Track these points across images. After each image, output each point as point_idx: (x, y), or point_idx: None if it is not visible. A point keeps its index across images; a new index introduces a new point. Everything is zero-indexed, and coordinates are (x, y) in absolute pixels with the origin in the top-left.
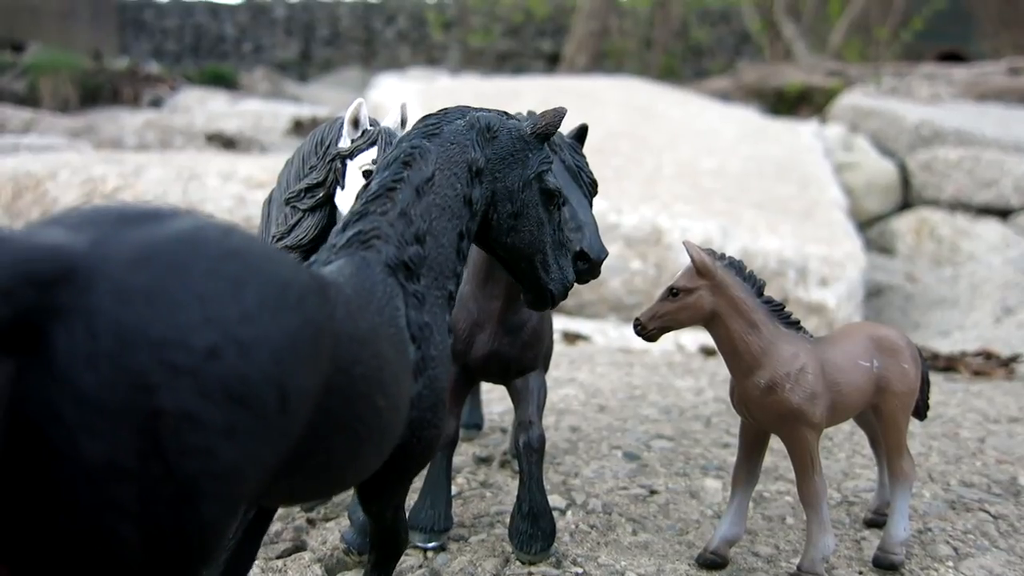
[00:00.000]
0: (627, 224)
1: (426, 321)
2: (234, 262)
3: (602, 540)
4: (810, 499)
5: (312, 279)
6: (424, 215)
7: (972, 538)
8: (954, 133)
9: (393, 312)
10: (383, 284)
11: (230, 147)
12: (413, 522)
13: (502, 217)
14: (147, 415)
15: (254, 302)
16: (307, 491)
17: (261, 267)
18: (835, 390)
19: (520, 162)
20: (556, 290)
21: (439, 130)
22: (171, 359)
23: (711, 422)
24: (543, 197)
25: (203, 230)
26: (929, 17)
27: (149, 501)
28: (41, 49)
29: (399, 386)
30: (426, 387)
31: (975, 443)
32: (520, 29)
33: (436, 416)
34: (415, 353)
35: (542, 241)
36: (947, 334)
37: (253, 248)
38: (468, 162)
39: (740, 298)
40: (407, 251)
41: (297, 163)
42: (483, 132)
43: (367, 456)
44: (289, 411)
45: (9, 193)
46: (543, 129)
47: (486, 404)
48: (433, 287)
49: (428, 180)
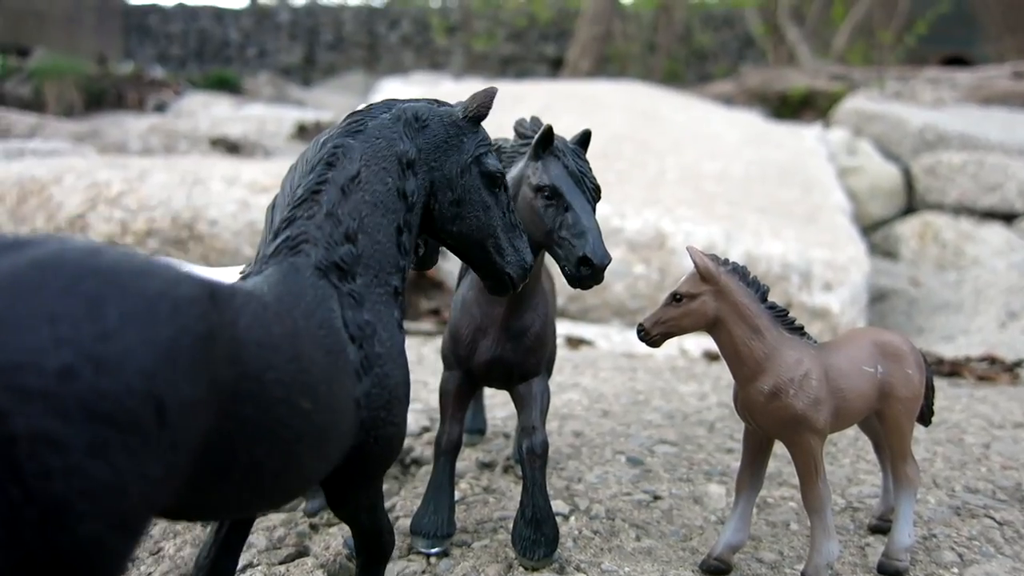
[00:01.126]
0: (630, 228)
1: (366, 319)
2: (93, 281)
3: (605, 546)
4: (814, 505)
5: (199, 289)
6: (353, 213)
7: (977, 544)
8: (958, 137)
9: (326, 314)
10: (313, 287)
11: (234, 152)
12: (416, 527)
13: (444, 206)
14: (1, 442)
15: (114, 318)
16: (247, 501)
17: (126, 283)
18: (839, 396)
19: (455, 148)
20: (514, 273)
21: (363, 126)
22: (20, 383)
23: (715, 427)
24: (485, 180)
25: (63, 253)
26: (933, 21)
27: (13, 527)
28: (46, 54)
29: (331, 387)
30: (375, 385)
31: (980, 449)
32: (523, 33)
33: (391, 414)
34: (356, 353)
35: (491, 225)
36: (951, 339)
37: (120, 266)
38: (397, 155)
39: (743, 303)
40: (337, 252)
41: (301, 168)
42: (410, 123)
43: (305, 460)
44: (169, 422)
45: (14, 198)
46: (475, 111)
47: (489, 409)
48: (374, 285)
49: (354, 178)
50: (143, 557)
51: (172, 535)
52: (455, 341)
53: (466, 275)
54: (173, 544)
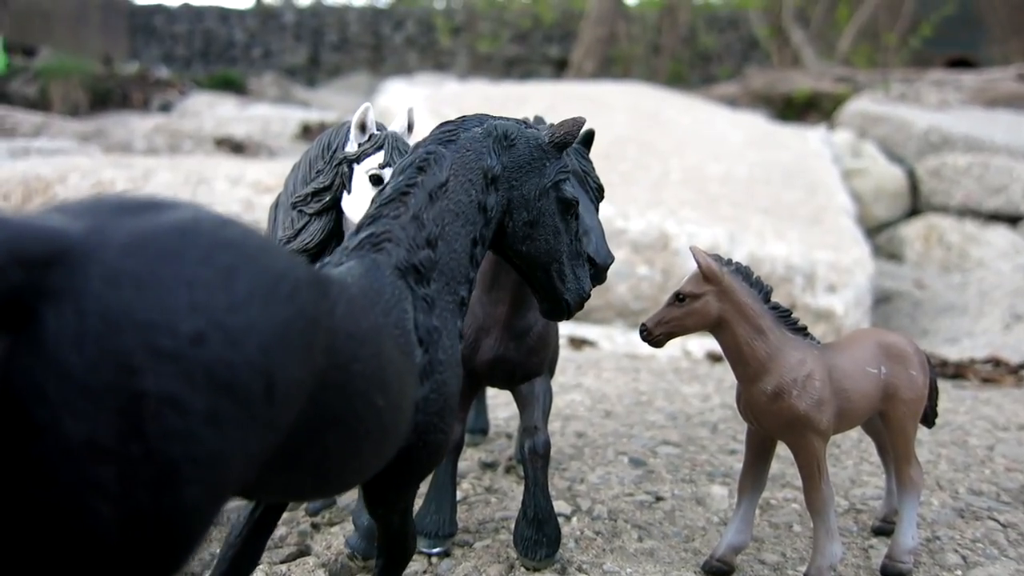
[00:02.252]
0: (634, 230)
1: (435, 325)
2: (227, 252)
3: (607, 547)
4: (817, 506)
5: (310, 274)
6: (436, 220)
7: (981, 547)
8: (963, 139)
9: (401, 314)
10: (392, 286)
11: (239, 152)
12: (418, 527)
13: (518, 225)
14: (129, 397)
15: (244, 291)
16: (306, 488)
17: (255, 258)
18: (842, 397)
19: (537, 171)
20: (572, 300)
21: (455, 136)
22: (156, 343)
23: (718, 428)
24: (560, 206)
25: (199, 221)
26: (938, 23)
27: (128, 482)
28: (52, 54)
29: (402, 387)
30: (433, 391)
31: (984, 451)
32: (528, 35)
33: (443, 421)
34: (422, 357)
35: (558, 251)
36: (956, 341)
37: (249, 240)
38: (484, 169)
39: (746, 304)
40: (418, 255)
41: (304, 167)
42: (500, 140)
43: (367, 455)
44: (276, 401)
45: (19, 196)
46: (561, 138)
47: (492, 409)
48: (444, 292)
49: (442, 185)
50: None
51: None
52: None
53: None
54: None
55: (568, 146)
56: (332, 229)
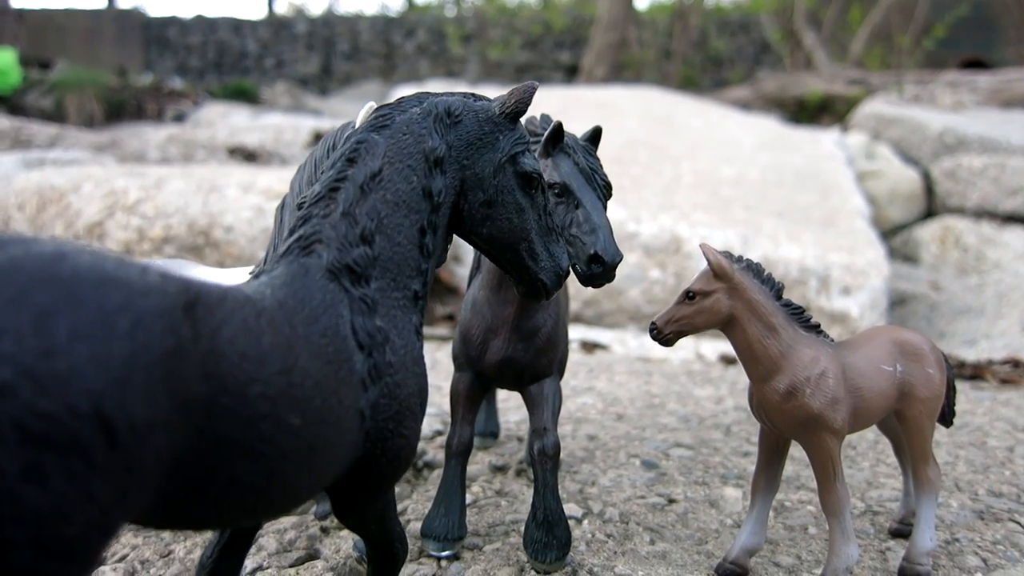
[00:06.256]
0: (646, 233)
1: (379, 326)
2: (47, 291)
3: (619, 549)
4: (832, 508)
5: (170, 300)
6: (371, 213)
7: (1001, 549)
8: (978, 140)
9: (331, 320)
10: (322, 291)
11: (251, 160)
12: (427, 530)
13: (474, 207)
14: None
15: (63, 334)
16: (234, 514)
17: (83, 295)
18: (857, 395)
19: (490, 146)
20: (548, 280)
21: (389, 121)
22: None
23: (731, 431)
24: (520, 180)
25: (23, 259)
26: (951, 24)
27: None
28: (67, 66)
29: (327, 400)
30: (384, 396)
31: (1003, 452)
32: (539, 41)
33: (401, 425)
34: (364, 361)
35: (524, 228)
36: (973, 343)
37: (82, 274)
38: (425, 152)
39: (758, 301)
40: (351, 253)
41: (309, 168)
42: (441, 118)
43: (293, 477)
44: (123, 444)
45: (34, 206)
46: (513, 107)
47: (502, 412)
48: (390, 289)
49: (374, 175)
50: (153, 560)
51: (183, 538)
52: (465, 342)
53: (477, 275)
54: (183, 547)
55: (521, 115)
56: None
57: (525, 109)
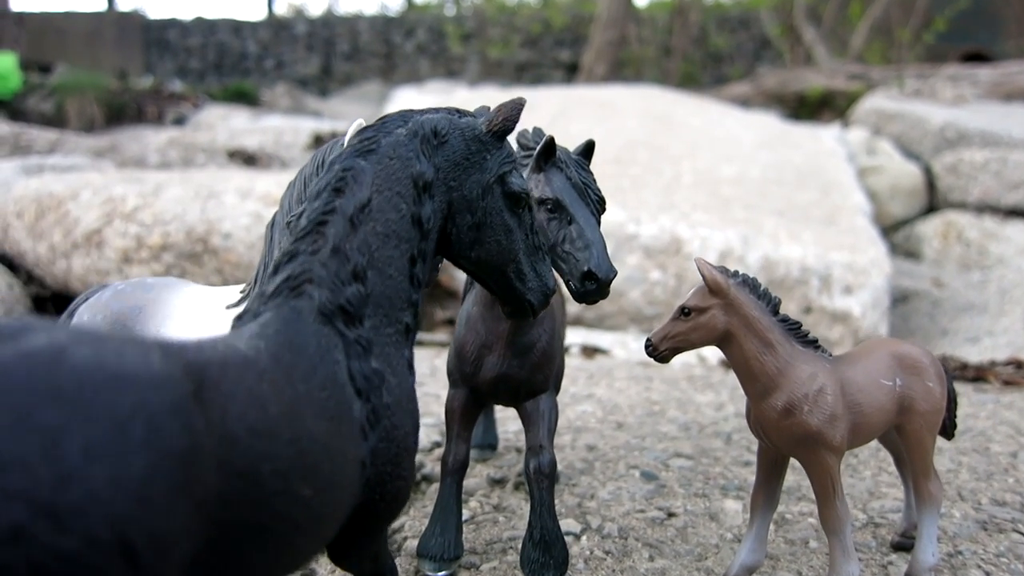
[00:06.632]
0: (646, 234)
1: (374, 368)
2: (52, 405)
3: (617, 567)
4: (832, 525)
5: (180, 389)
6: (362, 248)
7: (1005, 561)
8: (980, 134)
9: (329, 370)
10: (316, 337)
11: (251, 163)
12: (423, 550)
13: (462, 230)
14: None
15: (78, 454)
16: None
17: (92, 402)
18: (856, 411)
19: (477, 166)
20: (535, 300)
21: (375, 144)
22: None
23: (731, 439)
24: (508, 202)
25: (16, 365)
26: (952, 18)
27: None
28: (68, 70)
29: (334, 462)
30: (382, 440)
31: (1007, 458)
32: (538, 40)
33: (399, 467)
34: (362, 408)
35: (512, 250)
36: (976, 340)
37: (86, 376)
38: (413, 177)
39: (754, 317)
40: (344, 293)
41: (299, 185)
42: (428, 139)
43: (303, 546)
44: (145, 565)
45: (33, 214)
46: (500, 125)
47: (501, 423)
48: (383, 325)
49: (364, 207)
50: None
51: None
52: (460, 358)
53: (471, 289)
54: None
55: (508, 132)
56: None
57: (513, 127)
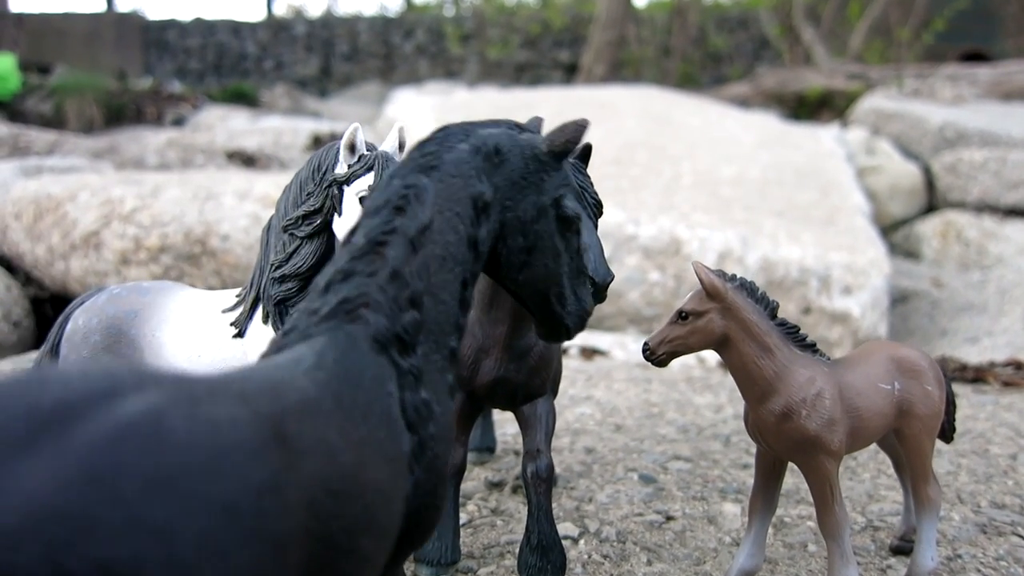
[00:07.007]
0: (645, 235)
1: (424, 399)
2: (164, 498)
3: (615, 571)
4: (831, 530)
5: (271, 454)
6: (421, 273)
7: (1005, 565)
8: (979, 134)
9: (385, 403)
10: (372, 368)
11: (250, 164)
12: (420, 555)
13: (513, 252)
14: None
15: (191, 552)
16: None
17: (197, 491)
18: (854, 415)
19: (534, 187)
20: (572, 324)
21: (438, 160)
22: None
23: (730, 441)
24: (560, 225)
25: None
26: (951, 17)
27: None
28: (67, 71)
29: (390, 508)
30: (425, 471)
31: (1006, 460)
32: (537, 40)
33: (436, 497)
34: (410, 441)
35: (558, 273)
36: (976, 340)
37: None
38: (473, 197)
39: (752, 321)
40: (401, 320)
41: (294, 189)
42: (490, 157)
43: None
44: None
45: (31, 215)
46: (562, 146)
47: (499, 426)
48: (432, 352)
49: (425, 228)
50: None
51: None
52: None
53: None
54: None
55: (569, 153)
56: (324, 252)
57: (574, 148)
